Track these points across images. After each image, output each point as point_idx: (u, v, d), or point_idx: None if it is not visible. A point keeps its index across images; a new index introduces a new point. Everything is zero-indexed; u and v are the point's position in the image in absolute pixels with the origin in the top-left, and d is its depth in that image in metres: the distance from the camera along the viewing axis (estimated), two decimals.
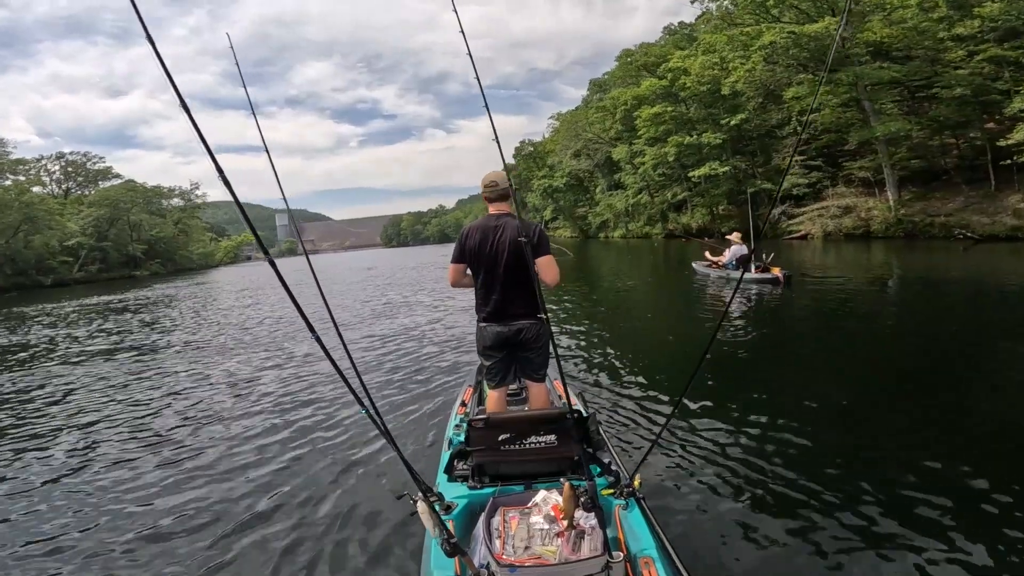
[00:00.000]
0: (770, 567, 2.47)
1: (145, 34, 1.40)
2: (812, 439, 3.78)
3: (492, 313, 2.95)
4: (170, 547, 2.97)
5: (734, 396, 4.64)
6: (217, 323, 12.78)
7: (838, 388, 4.98)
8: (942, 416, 4.08)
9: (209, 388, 6.37)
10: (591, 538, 1.96)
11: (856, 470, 3.28)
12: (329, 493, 3.41)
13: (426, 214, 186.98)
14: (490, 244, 2.87)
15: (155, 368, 7.81)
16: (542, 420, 2.45)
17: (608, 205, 43.33)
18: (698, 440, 3.81)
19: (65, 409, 5.95)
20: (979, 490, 2.91)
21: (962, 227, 17.75)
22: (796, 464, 3.37)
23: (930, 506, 2.80)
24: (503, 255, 2.85)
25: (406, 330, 9.25)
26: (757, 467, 3.36)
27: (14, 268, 40.04)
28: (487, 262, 2.90)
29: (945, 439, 3.66)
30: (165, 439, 4.72)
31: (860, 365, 5.68)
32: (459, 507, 2.33)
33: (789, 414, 4.22)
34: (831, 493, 3.00)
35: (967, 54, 18.46)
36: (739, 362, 5.97)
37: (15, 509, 3.57)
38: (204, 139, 1.49)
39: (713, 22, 31.95)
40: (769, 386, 5.11)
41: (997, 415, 4.05)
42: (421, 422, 4.55)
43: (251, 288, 23.10)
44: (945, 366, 5.42)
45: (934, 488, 2.96)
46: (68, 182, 59.30)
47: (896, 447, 3.56)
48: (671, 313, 10.25)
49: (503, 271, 2.86)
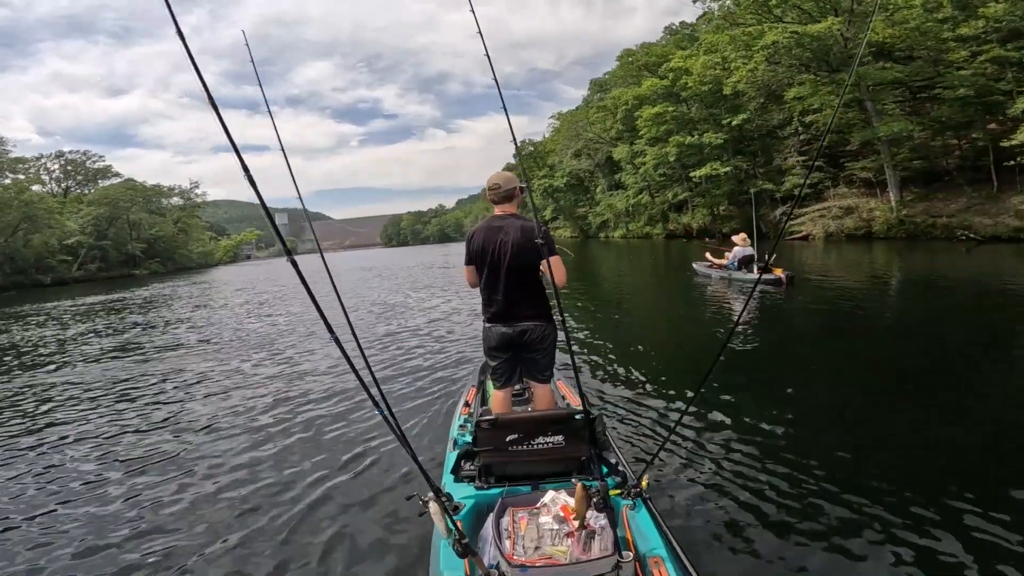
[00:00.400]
0: (777, 567, 2.46)
1: (176, 30, 1.38)
2: (817, 440, 3.78)
3: (496, 314, 2.94)
4: (178, 544, 2.95)
5: (738, 397, 4.62)
6: (219, 322, 12.76)
7: (842, 389, 4.97)
8: (947, 417, 4.07)
9: (215, 388, 6.34)
10: (601, 538, 1.96)
11: (862, 470, 3.26)
12: (337, 492, 3.40)
13: (426, 214, 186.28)
14: (493, 246, 2.87)
15: (156, 368, 7.79)
16: (550, 420, 2.44)
17: (608, 205, 43.30)
18: (703, 441, 3.80)
19: (51, 412, 5.93)
20: (982, 490, 2.90)
21: (964, 228, 17.73)
22: (801, 464, 3.36)
23: (939, 507, 2.78)
24: (506, 256, 2.84)
25: (407, 329, 9.24)
26: (762, 467, 3.35)
27: (13, 267, 39.91)
28: (490, 263, 2.89)
29: (948, 441, 3.65)
30: (174, 437, 4.70)
31: (863, 366, 5.66)
32: (467, 507, 2.32)
33: (794, 414, 4.21)
34: (838, 493, 2.99)
35: (970, 55, 18.44)
36: (743, 363, 5.95)
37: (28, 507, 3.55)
38: (230, 136, 1.48)
39: (715, 22, 31.92)
40: (773, 386, 5.09)
41: (997, 416, 4.03)
42: (424, 422, 4.52)
43: (247, 288, 23.00)
44: (946, 367, 5.40)
45: (940, 489, 2.94)
46: (67, 181, 59.11)
47: (900, 447, 3.55)
48: (672, 314, 10.24)
49: (506, 272, 2.85)
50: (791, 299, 9.66)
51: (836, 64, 21.90)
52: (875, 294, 9.97)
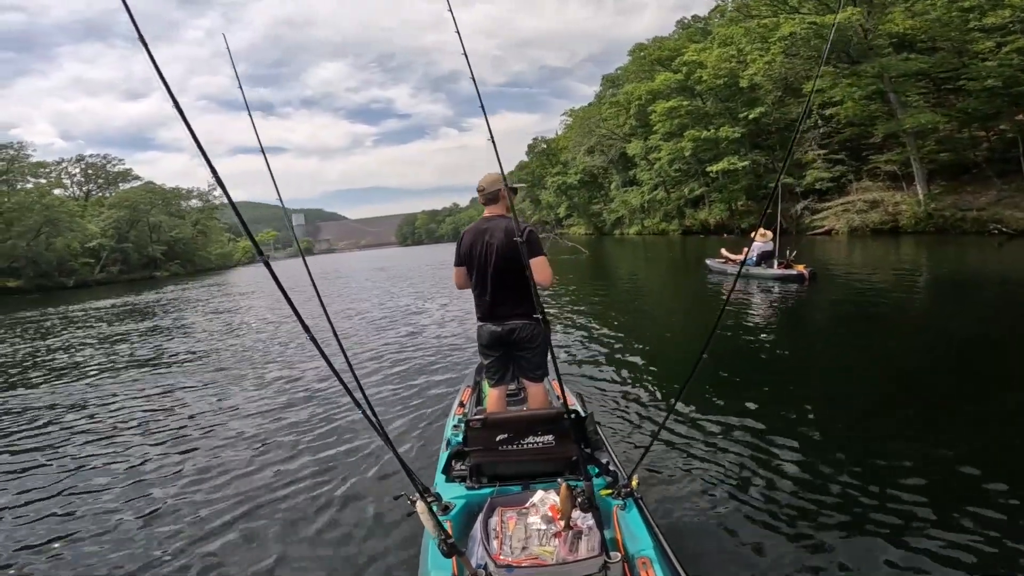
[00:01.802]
0: (769, 567, 2.41)
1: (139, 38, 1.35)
2: (816, 439, 3.68)
3: (486, 313, 2.99)
4: (165, 546, 2.95)
5: (737, 396, 4.50)
6: (215, 330, 12.92)
7: (848, 389, 4.82)
8: (957, 422, 3.87)
9: (203, 391, 6.33)
10: (588, 539, 1.94)
11: (861, 471, 3.16)
12: (326, 493, 3.38)
13: (440, 212, 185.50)
14: (480, 246, 2.92)
15: (147, 375, 7.89)
16: (540, 420, 2.41)
17: (623, 202, 42.90)
18: (697, 440, 3.74)
19: (72, 414, 6.03)
20: (996, 491, 2.80)
21: (996, 222, 17.14)
22: (796, 464, 3.29)
23: (936, 507, 2.70)
24: (492, 257, 2.88)
25: (406, 330, 9.25)
26: (755, 467, 3.30)
27: (36, 270, 40.86)
28: (478, 264, 2.94)
29: (964, 443, 3.47)
30: (162, 441, 4.72)
31: (874, 365, 5.44)
32: (457, 507, 2.30)
33: (795, 414, 4.12)
34: (832, 494, 2.94)
35: (995, 45, 17.84)
36: (749, 360, 5.82)
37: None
38: (201, 146, 1.44)
39: (729, 14, 31.39)
40: (779, 385, 4.98)
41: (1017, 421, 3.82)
42: (420, 422, 4.50)
43: (257, 291, 22.92)
44: (967, 368, 5.15)
45: (943, 492, 2.86)
46: (89, 184, 60.30)
47: (905, 448, 3.41)
48: (679, 311, 10.06)
49: (492, 272, 2.89)
50: (813, 296, 9.43)
51: (856, 56, 21.35)
52: (900, 290, 9.62)
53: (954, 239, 17.61)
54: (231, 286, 28.14)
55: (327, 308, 2.37)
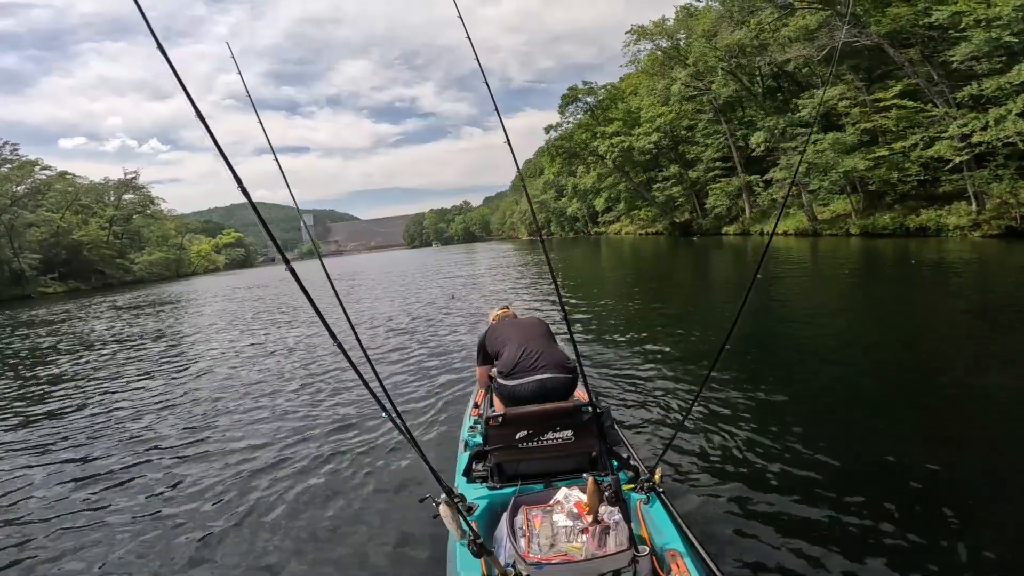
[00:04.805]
0: (793, 559, 2.41)
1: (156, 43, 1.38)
2: (842, 432, 3.64)
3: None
4: (194, 546, 3.03)
5: (759, 386, 4.49)
6: (236, 327, 13.01)
7: (877, 377, 4.75)
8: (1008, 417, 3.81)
9: (231, 393, 6.42)
10: (616, 533, 1.95)
11: (889, 464, 3.14)
12: (351, 496, 3.43)
13: (450, 211, 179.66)
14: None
15: (179, 372, 7.99)
16: (558, 414, 2.42)
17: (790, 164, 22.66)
18: (715, 432, 3.73)
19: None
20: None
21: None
22: (820, 455, 3.27)
23: (966, 505, 2.68)
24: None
25: (419, 334, 9.21)
26: (778, 458, 3.28)
27: None
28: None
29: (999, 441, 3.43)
30: (191, 439, 4.81)
31: (915, 359, 5.32)
32: (480, 508, 2.33)
33: (823, 406, 4.08)
34: (860, 487, 2.90)
35: None
36: (774, 352, 5.77)
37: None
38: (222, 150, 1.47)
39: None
40: (802, 376, 4.95)
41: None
42: (435, 424, 4.52)
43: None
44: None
45: (973, 490, 2.83)
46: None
47: (940, 445, 3.37)
48: (699, 302, 9.91)
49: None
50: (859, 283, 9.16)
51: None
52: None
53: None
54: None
55: (348, 315, 2.41)
